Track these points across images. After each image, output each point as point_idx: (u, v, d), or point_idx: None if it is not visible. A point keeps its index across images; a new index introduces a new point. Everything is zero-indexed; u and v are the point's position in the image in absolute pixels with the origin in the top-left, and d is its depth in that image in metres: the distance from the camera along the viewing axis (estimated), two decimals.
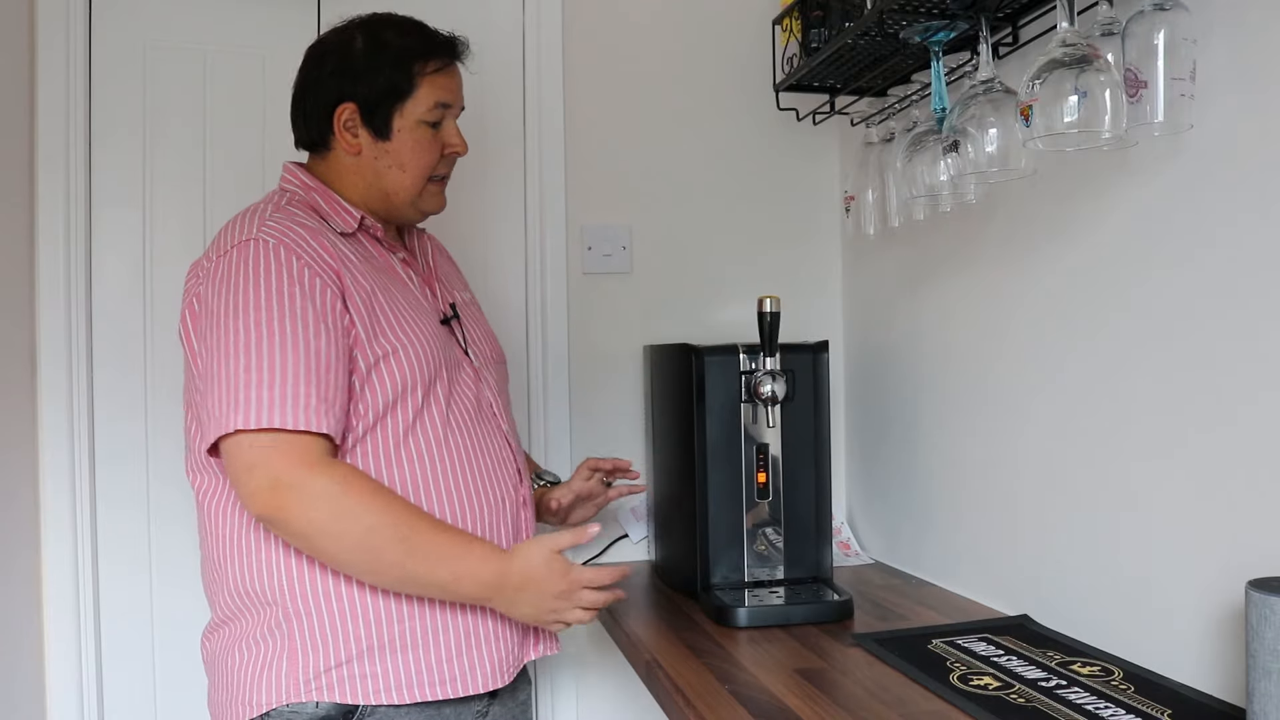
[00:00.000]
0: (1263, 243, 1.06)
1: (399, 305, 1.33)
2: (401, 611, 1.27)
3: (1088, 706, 1.11)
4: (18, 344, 1.75)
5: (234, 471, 1.19)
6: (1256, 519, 1.07)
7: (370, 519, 1.19)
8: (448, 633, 1.30)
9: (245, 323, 1.20)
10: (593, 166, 2.01)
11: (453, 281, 1.54)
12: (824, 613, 1.50)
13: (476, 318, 1.52)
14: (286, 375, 1.18)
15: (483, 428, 1.38)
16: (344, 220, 1.36)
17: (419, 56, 1.36)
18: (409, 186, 1.39)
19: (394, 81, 1.35)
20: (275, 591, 1.25)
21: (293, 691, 1.23)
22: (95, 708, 1.80)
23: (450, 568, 1.23)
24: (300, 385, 1.18)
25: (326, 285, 1.24)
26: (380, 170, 1.38)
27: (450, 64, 1.40)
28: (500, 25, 1.98)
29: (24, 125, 1.77)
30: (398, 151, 1.37)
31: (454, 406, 1.35)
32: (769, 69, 2.01)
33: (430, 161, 1.39)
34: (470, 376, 1.40)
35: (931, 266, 1.73)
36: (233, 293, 1.22)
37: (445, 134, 1.40)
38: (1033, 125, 1.13)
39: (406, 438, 1.29)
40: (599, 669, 1.99)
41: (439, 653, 1.29)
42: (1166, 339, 1.19)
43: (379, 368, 1.27)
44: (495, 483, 1.37)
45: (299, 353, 1.19)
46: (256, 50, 1.91)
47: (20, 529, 1.74)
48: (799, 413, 1.62)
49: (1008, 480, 1.51)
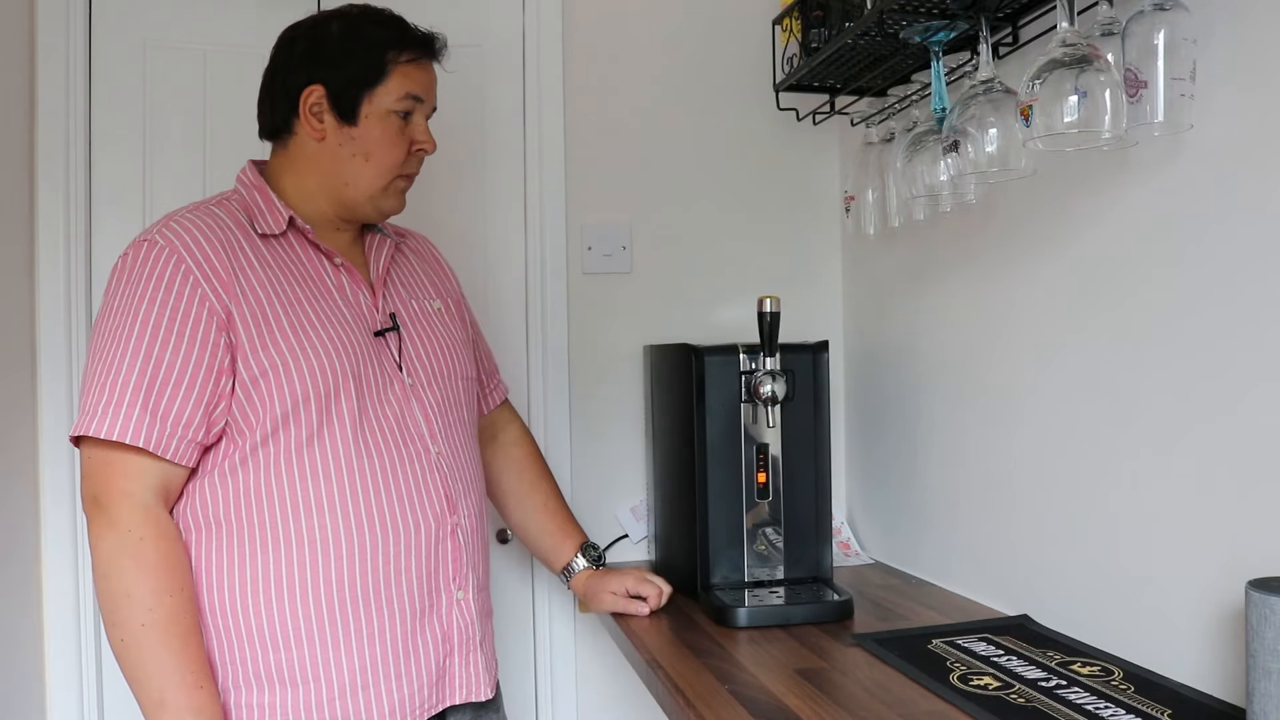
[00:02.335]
0: (1263, 244, 1.06)
1: (301, 316, 1.26)
2: (293, 637, 1.22)
3: (1088, 706, 1.11)
4: (18, 344, 1.75)
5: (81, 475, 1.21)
6: (1256, 519, 1.07)
7: (134, 586, 1.15)
8: (343, 667, 1.24)
9: (104, 326, 1.21)
10: (593, 166, 2.00)
11: (416, 289, 1.45)
12: (824, 613, 1.50)
13: (434, 330, 1.41)
14: (117, 384, 1.17)
15: (404, 450, 1.30)
16: (272, 221, 1.30)
17: (393, 45, 1.33)
18: (370, 179, 1.33)
19: (365, 66, 1.31)
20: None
21: None
22: (95, 708, 1.80)
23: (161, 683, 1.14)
24: (127, 395, 1.16)
25: (205, 297, 1.21)
26: (342, 159, 1.32)
27: (424, 58, 1.36)
28: (500, 25, 1.98)
29: (24, 125, 1.77)
30: (363, 139, 1.32)
31: (366, 424, 1.28)
32: (769, 69, 2.01)
33: (396, 156, 1.34)
34: (397, 395, 1.32)
35: (931, 266, 1.73)
36: (109, 294, 1.23)
37: (414, 129, 1.35)
38: (1033, 125, 1.13)
39: (302, 454, 1.24)
40: (599, 669, 1.99)
41: (333, 689, 1.23)
42: (1167, 339, 1.19)
43: (266, 379, 1.22)
44: (410, 508, 1.29)
45: (136, 362, 1.17)
46: (256, 50, 1.88)
47: (20, 529, 1.74)
48: (799, 413, 1.62)
49: (1008, 480, 1.51)
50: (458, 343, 1.45)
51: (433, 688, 1.30)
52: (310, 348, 1.25)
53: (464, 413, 1.42)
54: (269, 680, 1.22)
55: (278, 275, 1.28)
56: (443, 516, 1.32)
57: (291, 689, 1.22)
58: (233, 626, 1.22)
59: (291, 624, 1.22)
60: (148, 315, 1.19)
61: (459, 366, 1.42)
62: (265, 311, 1.24)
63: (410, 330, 1.38)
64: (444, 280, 1.53)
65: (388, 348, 1.34)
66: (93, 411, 1.17)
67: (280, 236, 1.31)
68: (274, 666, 1.22)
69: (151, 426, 1.17)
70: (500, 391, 1.68)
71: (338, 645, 1.23)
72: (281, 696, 1.22)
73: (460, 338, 1.47)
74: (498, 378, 1.69)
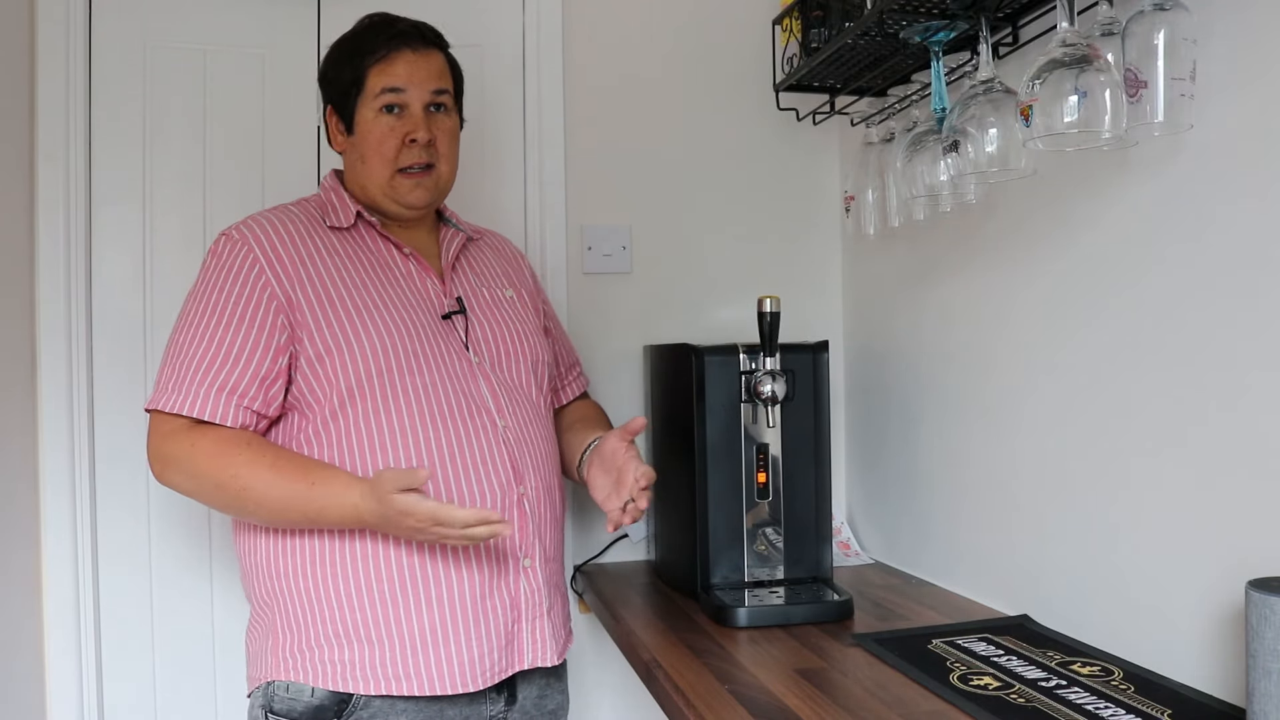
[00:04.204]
0: (1264, 244, 1.06)
1: (366, 299, 1.37)
2: (368, 598, 1.32)
3: (1088, 706, 1.11)
4: (18, 344, 1.75)
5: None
6: (1256, 519, 1.07)
7: (216, 477, 1.29)
8: (414, 626, 1.32)
9: (184, 309, 1.37)
10: (593, 166, 2.00)
11: (489, 278, 1.55)
12: (824, 613, 1.50)
13: (504, 315, 1.51)
14: (187, 362, 1.32)
15: (471, 422, 1.38)
16: (342, 215, 1.44)
17: (365, 49, 1.42)
18: (375, 177, 1.43)
19: (349, 77, 1.43)
20: (260, 571, 1.37)
21: (280, 668, 1.33)
22: (95, 707, 1.80)
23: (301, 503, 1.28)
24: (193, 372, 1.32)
25: (268, 284, 1.34)
26: (354, 164, 1.46)
27: (396, 50, 1.41)
28: (500, 25, 1.98)
29: (24, 125, 1.78)
30: (361, 143, 1.44)
31: (432, 399, 1.36)
32: (769, 69, 2.01)
33: (389, 151, 1.42)
34: (463, 372, 1.40)
35: (931, 266, 1.73)
36: (194, 282, 1.39)
37: (405, 122, 1.42)
38: (1033, 125, 1.13)
39: (370, 426, 1.34)
40: (599, 669, 1.99)
41: (406, 647, 1.32)
42: (1167, 339, 1.19)
43: (330, 357, 1.34)
44: (477, 477, 1.37)
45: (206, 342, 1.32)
46: (256, 50, 1.91)
47: (20, 529, 1.74)
48: (799, 413, 1.62)
49: (1008, 480, 1.51)
50: (527, 329, 1.53)
51: (502, 651, 1.38)
52: (374, 327, 1.36)
53: (532, 393, 1.49)
54: (347, 638, 1.31)
55: (345, 264, 1.40)
56: (509, 486, 1.39)
57: (368, 646, 1.31)
58: (311, 588, 1.33)
59: (365, 586, 1.32)
60: (214, 300, 1.34)
61: (527, 350, 1.51)
62: (330, 295, 1.36)
63: (478, 314, 1.47)
64: (518, 273, 1.63)
65: (455, 330, 1.43)
66: (163, 389, 1.33)
67: (351, 229, 1.44)
68: (351, 625, 1.31)
69: (206, 398, 1.31)
70: (580, 384, 1.75)
71: (408, 606, 1.32)
72: (359, 653, 1.31)
73: (531, 325, 1.55)
74: (578, 370, 1.76)
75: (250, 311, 1.33)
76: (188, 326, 1.34)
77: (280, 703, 1.32)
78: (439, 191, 1.47)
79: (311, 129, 1.91)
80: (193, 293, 1.37)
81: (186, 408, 1.30)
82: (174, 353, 1.34)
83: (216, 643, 1.87)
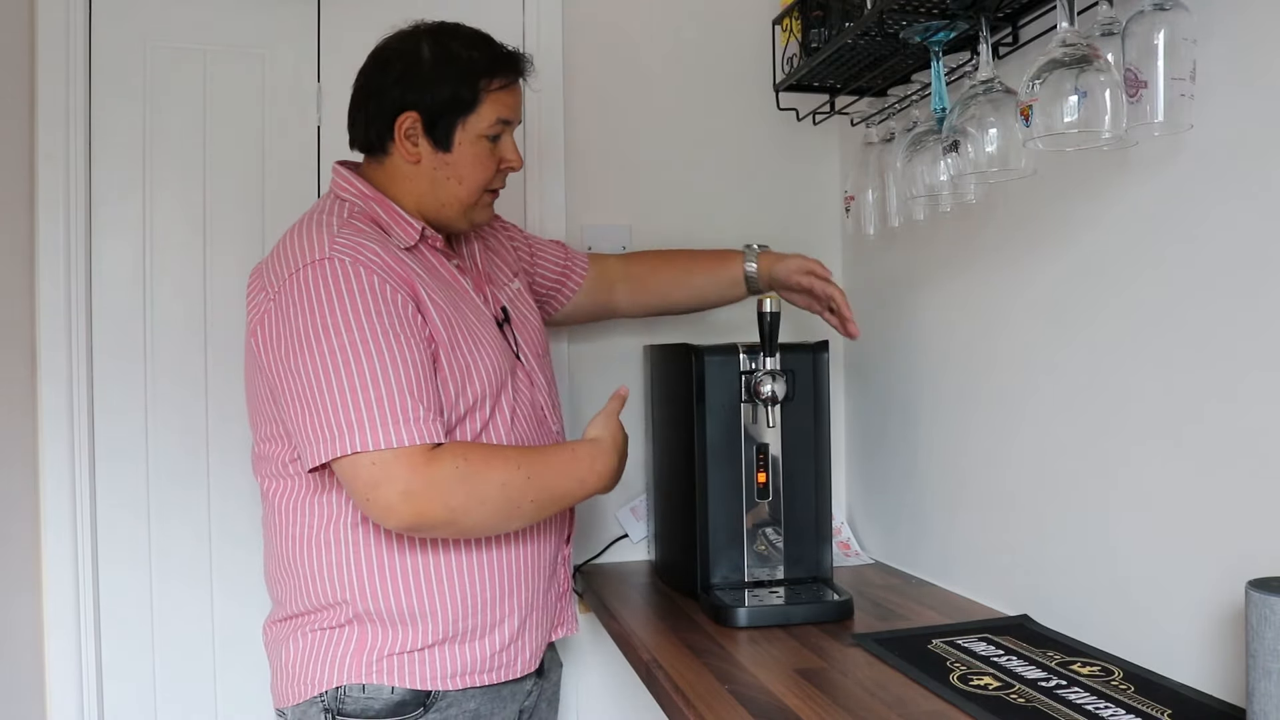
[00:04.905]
0: (1264, 244, 1.06)
1: (469, 320, 1.36)
2: (468, 606, 1.35)
3: (1088, 706, 1.11)
4: (18, 342, 1.75)
5: (357, 490, 1.23)
6: (1256, 519, 1.07)
7: (500, 476, 1.27)
8: (508, 623, 1.38)
9: (340, 343, 1.21)
10: (593, 166, 2.00)
11: (500, 276, 1.55)
12: (824, 613, 1.50)
13: (524, 312, 1.53)
14: (393, 393, 1.21)
15: (538, 430, 1.45)
16: (406, 233, 1.36)
17: (485, 72, 1.36)
18: (463, 199, 1.40)
19: (459, 94, 1.35)
20: (347, 590, 1.32)
21: (360, 673, 1.31)
22: (95, 706, 1.81)
23: (575, 476, 1.36)
24: (408, 401, 1.22)
25: (407, 300, 1.27)
26: (438, 180, 1.38)
27: (514, 81, 1.40)
28: (500, 25, 1.96)
29: (24, 125, 1.78)
30: (457, 164, 1.37)
31: (518, 415, 1.41)
32: (769, 69, 2.01)
33: (487, 176, 1.41)
34: (525, 381, 1.45)
35: (931, 266, 1.73)
36: (318, 313, 1.23)
37: (503, 149, 1.41)
38: (1033, 125, 1.13)
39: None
40: (599, 669, 1.99)
41: (496, 642, 1.38)
42: (1167, 339, 1.19)
43: (456, 382, 1.31)
44: None
45: (400, 369, 1.22)
46: (256, 50, 1.91)
47: (20, 528, 1.74)
48: (799, 413, 1.62)
49: (1008, 480, 1.51)
50: (539, 321, 1.58)
51: (550, 629, 1.49)
52: (483, 350, 1.35)
53: (554, 386, 1.56)
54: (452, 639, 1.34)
55: (431, 284, 1.33)
56: None
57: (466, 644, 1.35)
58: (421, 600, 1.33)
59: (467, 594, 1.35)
60: (382, 325, 1.23)
61: (545, 343, 1.57)
62: (447, 317, 1.32)
63: (514, 318, 1.49)
64: (510, 253, 1.63)
65: (508, 338, 1.45)
66: (387, 423, 1.20)
67: (413, 248, 1.37)
68: (453, 629, 1.34)
69: (435, 421, 1.24)
70: (581, 260, 1.76)
71: (505, 605, 1.38)
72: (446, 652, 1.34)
73: (538, 314, 1.59)
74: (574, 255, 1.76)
75: (412, 327, 1.26)
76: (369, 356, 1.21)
77: (354, 704, 1.30)
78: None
79: (312, 129, 1.91)
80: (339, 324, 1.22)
81: (410, 438, 1.21)
82: (371, 384, 1.21)
83: (217, 641, 1.87)
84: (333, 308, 1.23)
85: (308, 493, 1.33)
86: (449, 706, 1.33)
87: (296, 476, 1.33)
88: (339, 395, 1.20)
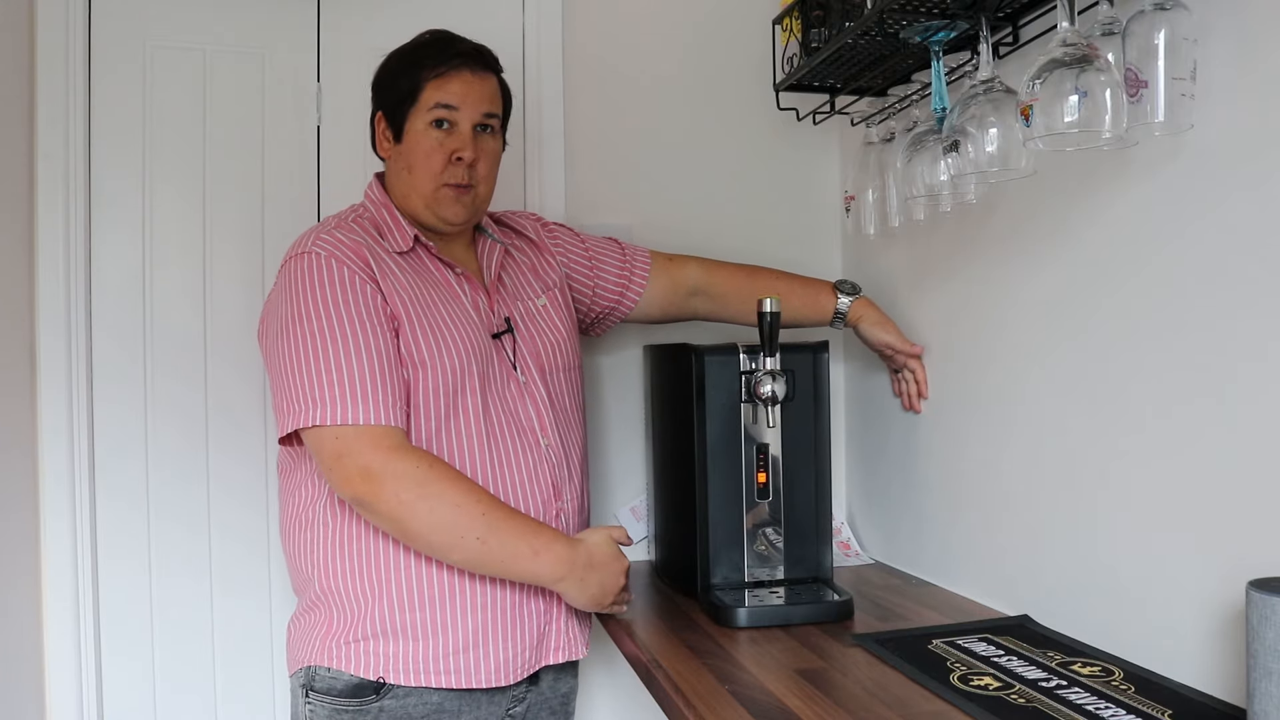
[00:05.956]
0: (1264, 244, 1.05)
1: (436, 319, 1.41)
2: (416, 600, 1.38)
3: (1088, 707, 1.11)
4: (18, 342, 1.75)
5: (324, 459, 1.33)
6: (1257, 519, 1.07)
7: (455, 496, 1.31)
8: (458, 629, 1.40)
9: (311, 328, 1.33)
10: (593, 166, 2.00)
11: (523, 290, 1.58)
12: (824, 613, 1.50)
13: (542, 328, 1.56)
14: (354, 376, 1.31)
15: (518, 442, 1.46)
16: (400, 239, 1.46)
17: (426, 62, 1.45)
18: (419, 189, 1.46)
19: (403, 86, 1.45)
20: (316, 569, 1.41)
21: (323, 655, 1.39)
22: (95, 705, 1.81)
23: (529, 542, 1.35)
24: (368, 383, 1.32)
25: (376, 291, 1.37)
26: (398, 172, 1.48)
27: (455, 69, 1.45)
28: (500, 25, 1.98)
29: (24, 125, 1.77)
30: (408, 153, 1.46)
31: (487, 419, 1.43)
32: (769, 69, 2.01)
33: (435, 165, 1.45)
34: (513, 393, 1.48)
35: (931, 266, 1.72)
36: (295, 300, 1.36)
37: (453, 140, 1.45)
38: (1033, 125, 1.13)
39: (431, 444, 1.39)
40: (599, 669, 1.99)
41: (447, 646, 1.39)
42: (1167, 339, 1.19)
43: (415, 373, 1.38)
44: (521, 495, 1.45)
45: (364, 353, 1.32)
46: (256, 50, 1.91)
47: (20, 526, 1.74)
48: (799, 413, 1.62)
49: (1008, 480, 1.51)
50: (563, 337, 1.59)
51: (533, 650, 1.47)
52: (444, 347, 1.40)
53: (569, 401, 1.58)
54: (399, 633, 1.38)
55: (414, 282, 1.43)
56: (549, 502, 1.49)
57: (409, 641, 1.38)
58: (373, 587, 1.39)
59: (419, 588, 1.39)
60: (349, 312, 1.34)
61: (565, 359, 1.58)
62: (410, 314, 1.40)
63: (521, 331, 1.53)
64: (547, 270, 1.66)
65: (504, 348, 1.49)
66: (346, 401, 1.30)
67: (409, 252, 1.47)
68: (404, 622, 1.38)
69: (394, 407, 1.33)
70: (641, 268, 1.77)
71: (450, 609, 1.39)
72: (408, 647, 1.38)
73: (566, 330, 1.61)
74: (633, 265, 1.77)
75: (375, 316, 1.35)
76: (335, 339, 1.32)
77: (321, 682, 1.39)
78: (476, 211, 1.52)
79: (312, 129, 1.91)
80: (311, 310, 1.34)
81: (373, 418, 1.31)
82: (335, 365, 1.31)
83: (216, 639, 1.87)
84: (307, 297, 1.35)
85: (302, 475, 1.44)
86: (406, 695, 1.38)
87: (298, 459, 1.44)
88: (307, 374, 1.32)
